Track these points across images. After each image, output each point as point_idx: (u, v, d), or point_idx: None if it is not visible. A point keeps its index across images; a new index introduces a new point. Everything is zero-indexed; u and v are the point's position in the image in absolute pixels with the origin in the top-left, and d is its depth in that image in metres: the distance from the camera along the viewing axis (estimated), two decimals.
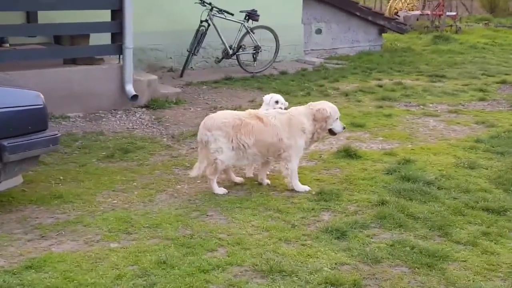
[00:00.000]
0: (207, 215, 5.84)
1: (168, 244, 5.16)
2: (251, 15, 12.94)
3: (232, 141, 6.32)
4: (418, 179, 6.78)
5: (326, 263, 4.97)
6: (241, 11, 12.88)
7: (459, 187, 6.61)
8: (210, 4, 12.34)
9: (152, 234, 5.37)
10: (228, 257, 4.99)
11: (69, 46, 9.43)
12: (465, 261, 5.09)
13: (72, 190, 6.32)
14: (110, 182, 6.58)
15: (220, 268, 4.80)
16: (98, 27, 9.41)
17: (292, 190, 6.50)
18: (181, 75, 12.42)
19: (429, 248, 5.22)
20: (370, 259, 5.04)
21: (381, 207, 6.06)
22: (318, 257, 5.07)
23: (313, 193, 6.46)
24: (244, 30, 12.99)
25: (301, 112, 6.56)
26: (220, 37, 12.72)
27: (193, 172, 6.51)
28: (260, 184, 6.69)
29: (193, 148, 7.91)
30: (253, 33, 13.07)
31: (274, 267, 4.81)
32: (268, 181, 6.72)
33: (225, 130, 6.31)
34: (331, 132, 6.68)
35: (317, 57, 15.45)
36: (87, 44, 9.47)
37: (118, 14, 9.28)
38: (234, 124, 6.36)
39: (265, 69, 13.35)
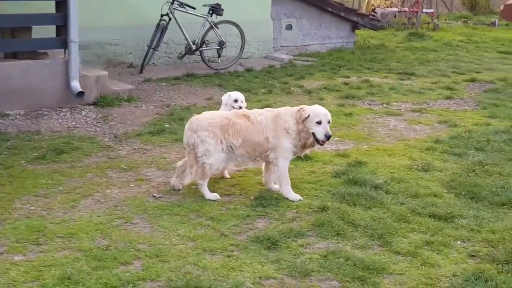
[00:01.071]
0: (131, 223, 5.41)
1: (78, 257, 4.72)
2: (215, 9, 12.49)
3: (221, 142, 5.92)
4: (366, 182, 6.39)
5: (249, 277, 4.56)
6: (204, 5, 12.43)
7: (408, 192, 6.23)
8: None
9: (64, 245, 4.93)
10: (143, 271, 4.57)
11: (9, 39, 8.91)
12: (402, 274, 4.70)
13: None
14: (34, 186, 6.13)
15: (130, 284, 4.37)
16: (40, 19, 8.93)
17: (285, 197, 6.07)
18: (141, 71, 11.97)
19: (365, 260, 4.82)
20: (298, 272, 4.64)
21: (320, 214, 5.65)
22: (242, 270, 4.66)
23: (252, 198, 6.05)
24: (207, 25, 12.55)
25: (289, 112, 6.10)
26: (182, 32, 12.28)
27: (187, 179, 6.05)
28: (268, 189, 6.27)
29: (135, 148, 7.47)
30: (217, 28, 12.62)
31: (191, 282, 4.39)
32: (277, 186, 6.22)
33: (212, 130, 5.91)
34: (316, 139, 6.00)
35: (286, 54, 15.04)
36: (29, 37, 8.96)
37: (62, 5, 8.80)
38: (222, 124, 5.96)
39: (231, 65, 12.93)
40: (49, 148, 7.23)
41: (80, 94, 8.88)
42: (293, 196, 6.05)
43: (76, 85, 8.89)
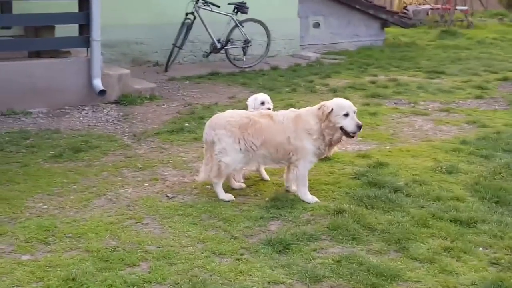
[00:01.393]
0: (142, 224, 5.31)
1: (85, 257, 4.64)
2: (240, 7, 12.38)
3: (239, 142, 5.81)
4: (386, 184, 6.19)
5: (258, 282, 4.42)
6: (229, 3, 12.32)
7: (430, 195, 6.01)
8: None
9: (72, 245, 4.85)
10: (149, 273, 4.46)
11: (32, 38, 8.92)
12: (417, 281, 4.51)
13: (3, 193, 5.83)
14: (48, 184, 6.08)
15: (135, 287, 4.27)
16: (63, 18, 8.91)
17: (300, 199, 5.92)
18: (166, 70, 11.91)
19: (380, 265, 4.64)
20: (309, 278, 4.48)
21: (336, 217, 5.48)
22: (251, 275, 4.52)
23: (266, 199, 5.91)
24: (232, 23, 12.44)
25: (310, 112, 5.93)
26: (207, 31, 12.20)
27: (200, 176, 6.04)
28: (288, 191, 6.12)
29: (153, 147, 7.40)
30: (242, 27, 12.50)
31: (197, 286, 4.27)
32: (295, 188, 6.08)
33: (230, 129, 5.81)
34: (345, 133, 5.79)
35: (314, 52, 14.83)
36: (52, 36, 8.95)
37: (85, 4, 8.77)
38: (242, 123, 5.84)
39: (256, 64, 12.79)
40: (67, 146, 7.19)
41: (102, 92, 8.85)
42: (309, 198, 5.90)
43: (98, 83, 8.85)
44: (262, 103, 6.44)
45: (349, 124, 5.78)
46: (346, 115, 5.78)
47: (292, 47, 14.43)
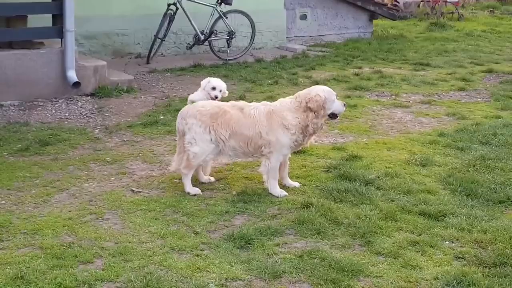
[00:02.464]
0: (102, 219, 5.18)
1: (37, 255, 4.51)
2: None
3: (209, 132, 5.68)
4: (358, 177, 6.07)
5: (215, 279, 4.30)
6: None
7: (401, 188, 5.89)
8: None
9: (26, 242, 4.71)
10: (102, 270, 4.34)
11: (4, 29, 8.73)
12: (379, 276, 4.40)
13: None
14: (9, 179, 5.94)
15: (86, 285, 4.15)
16: (36, 8, 8.73)
17: (268, 192, 5.81)
18: (148, 62, 11.74)
19: (342, 260, 4.53)
20: (268, 274, 4.36)
21: (303, 211, 5.36)
22: (208, 271, 4.39)
23: (234, 193, 5.78)
24: (216, 15, 12.25)
25: (285, 106, 5.79)
26: (190, 22, 12.00)
27: (172, 166, 5.97)
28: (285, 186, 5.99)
29: (125, 140, 7.26)
30: (226, 18, 12.33)
31: (150, 283, 4.14)
32: (296, 184, 6.00)
33: (201, 119, 5.70)
34: (333, 115, 5.89)
35: (301, 44, 14.67)
36: (24, 26, 8.78)
37: None
38: (212, 113, 5.72)
39: (240, 56, 12.62)
40: (35, 140, 7.04)
41: (76, 84, 8.69)
42: (278, 191, 5.77)
43: (72, 75, 8.69)
44: (213, 88, 6.18)
45: (339, 106, 5.88)
46: (334, 99, 5.84)
47: (278, 39, 14.24)
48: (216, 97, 6.11)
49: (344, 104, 5.98)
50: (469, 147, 7.07)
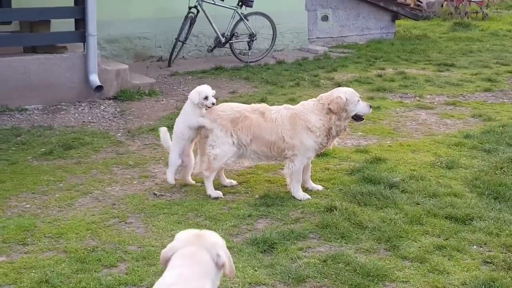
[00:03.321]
0: (126, 223, 5.17)
1: (62, 259, 4.51)
2: (244, 1, 12.16)
3: (231, 135, 5.67)
4: (382, 180, 6.00)
5: (238, 283, 4.27)
6: None
7: (426, 191, 5.81)
8: None
9: (51, 246, 4.72)
10: (126, 274, 4.32)
11: (27, 33, 8.78)
12: (406, 281, 4.33)
13: None
14: (34, 183, 5.95)
15: None
16: (59, 12, 8.76)
17: (291, 195, 5.76)
18: (169, 65, 11.74)
19: (367, 265, 4.46)
20: (292, 278, 4.32)
21: (326, 214, 5.30)
22: None
23: (256, 196, 5.74)
24: (237, 17, 12.23)
25: (308, 109, 5.75)
26: (211, 24, 11.99)
27: (195, 168, 5.98)
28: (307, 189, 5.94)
29: (147, 144, 7.25)
30: (247, 20, 12.30)
31: None
32: (319, 187, 5.95)
33: (221, 123, 5.69)
34: (357, 117, 5.87)
35: (322, 46, 14.59)
36: (47, 31, 8.82)
37: None
38: (233, 118, 5.71)
39: (261, 58, 12.58)
40: (58, 143, 7.06)
41: (99, 88, 8.71)
42: (301, 195, 5.72)
43: (94, 79, 8.71)
44: (206, 98, 5.76)
45: (364, 108, 5.84)
46: (358, 100, 5.77)
47: (299, 40, 14.18)
48: (213, 104, 5.79)
49: (370, 106, 5.93)
50: (496, 149, 6.96)
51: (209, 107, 5.77)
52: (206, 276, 2.89)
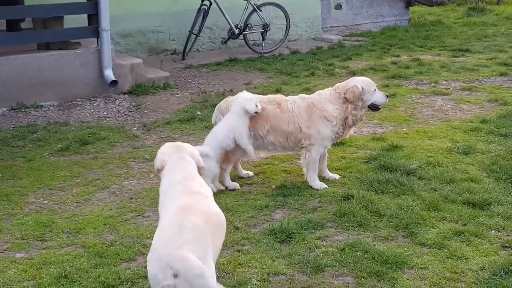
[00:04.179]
0: (143, 216, 5.19)
1: (80, 253, 4.54)
2: None
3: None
4: (399, 168, 5.97)
5: (257, 273, 4.27)
6: None
7: (443, 177, 5.78)
8: None
9: (69, 241, 4.75)
10: (145, 268, 4.30)
11: (41, 30, 8.82)
12: (424, 268, 4.32)
13: (4, 189, 5.75)
14: (51, 179, 5.99)
15: (129, 283, 4.16)
16: (71, 8, 8.77)
17: (308, 185, 5.76)
18: (183, 58, 11.74)
19: (385, 253, 4.46)
20: (310, 268, 4.33)
21: (344, 203, 5.29)
22: (250, 266, 4.37)
23: (273, 187, 5.74)
24: (250, 8, 12.20)
25: (325, 98, 5.75)
26: (224, 16, 11.98)
27: None
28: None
29: (163, 137, 7.27)
30: (260, 11, 12.26)
31: None
32: (336, 176, 5.93)
33: None
34: (374, 107, 5.85)
35: (336, 34, 14.52)
36: (61, 27, 8.85)
37: None
38: None
39: (276, 48, 12.54)
40: (74, 139, 7.10)
41: (114, 83, 8.73)
42: (318, 184, 5.71)
43: (109, 74, 8.74)
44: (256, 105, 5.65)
45: (380, 97, 5.83)
46: (375, 90, 5.75)
47: (313, 30, 14.12)
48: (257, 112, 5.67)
49: (387, 96, 5.90)
50: None
51: (257, 113, 5.66)
52: (196, 174, 3.89)
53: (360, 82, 5.72)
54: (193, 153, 4.02)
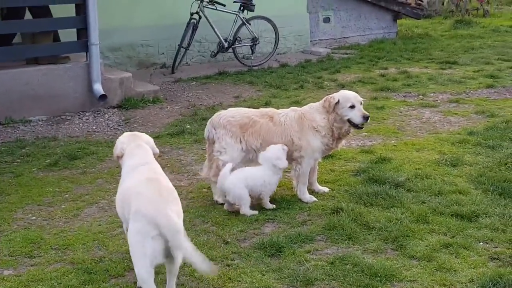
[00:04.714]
0: None
1: (69, 270, 4.52)
2: (246, 5, 12.18)
3: (240, 141, 5.68)
4: (387, 180, 6.00)
5: None
6: (235, 1, 12.14)
7: (431, 189, 5.81)
8: None
9: (58, 258, 4.73)
10: (134, 284, 4.32)
11: (29, 45, 8.80)
12: (413, 280, 4.34)
13: None
14: (39, 194, 5.97)
15: None
16: (60, 23, 8.79)
17: (298, 198, 5.77)
18: (173, 71, 11.76)
19: (375, 265, 4.47)
20: (300, 282, 4.34)
21: (333, 216, 5.31)
22: (240, 281, 4.37)
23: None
24: (239, 21, 12.25)
25: (314, 108, 5.78)
26: (214, 30, 12.01)
27: (203, 172, 5.95)
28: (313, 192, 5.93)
29: None
30: (249, 24, 12.32)
31: None
32: (325, 189, 5.95)
33: (231, 129, 5.69)
34: (353, 124, 5.68)
35: (325, 47, 14.60)
36: (49, 42, 8.85)
37: (82, 8, 8.65)
38: (242, 123, 5.71)
39: (265, 62, 12.59)
40: (63, 154, 7.07)
41: (103, 97, 8.73)
42: (308, 197, 5.73)
43: (98, 88, 8.73)
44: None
45: (356, 115, 5.63)
46: (352, 106, 5.65)
47: (302, 43, 14.19)
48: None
49: (364, 117, 5.64)
50: (500, 145, 6.96)
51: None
52: (152, 158, 4.40)
53: (339, 94, 5.73)
54: (148, 140, 4.55)
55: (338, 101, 5.64)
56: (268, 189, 5.53)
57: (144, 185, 3.97)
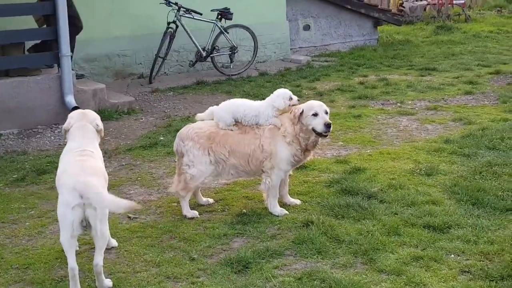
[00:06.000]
0: None
1: None
2: (224, 13, 12.07)
3: (208, 153, 5.56)
4: (360, 191, 5.91)
5: None
6: (212, 10, 12.04)
7: (404, 200, 5.72)
8: (176, 4, 11.53)
9: (18, 277, 4.60)
10: None
11: None
12: None
13: None
14: (4, 211, 5.81)
15: None
16: (31, 34, 8.66)
17: (268, 211, 5.66)
18: (150, 81, 11.62)
19: (342, 281, 4.36)
20: None
21: (303, 230, 5.20)
22: None
23: (233, 214, 5.62)
24: (217, 30, 12.14)
25: (285, 116, 5.67)
26: (191, 39, 11.89)
27: (172, 187, 5.81)
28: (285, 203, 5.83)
29: (123, 165, 7.13)
30: (227, 33, 12.21)
31: None
32: (297, 201, 5.85)
33: (199, 141, 5.57)
34: (317, 133, 5.54)
35: (305, 55, 14.51)
36: (20, 54, 8.71)
37: (52, 20, 8.51)
38: (209, 134, 5.60)
39: (244, 70, 12.47)
40: (31, 168, 6.92)
41: (75, 109, 8.53)
42: (278, 210, 5.62)
43: (71, 100, 8.60)
44: (290, 99, 5.70)
45: (318, 123, 5.50)
46: (315, 114, 5.52)
47: (282, 51, 14.09)
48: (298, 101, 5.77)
49: (326, 125, 5.49)
50: (476, 153, 6.89)
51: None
52: (94, 138, 4.88)
53: (303, 105, 5.63)
54: (94, 118, 4.96)
55: (303, 111, 5.54)
56: None
57: (69, 165, 4.48)
